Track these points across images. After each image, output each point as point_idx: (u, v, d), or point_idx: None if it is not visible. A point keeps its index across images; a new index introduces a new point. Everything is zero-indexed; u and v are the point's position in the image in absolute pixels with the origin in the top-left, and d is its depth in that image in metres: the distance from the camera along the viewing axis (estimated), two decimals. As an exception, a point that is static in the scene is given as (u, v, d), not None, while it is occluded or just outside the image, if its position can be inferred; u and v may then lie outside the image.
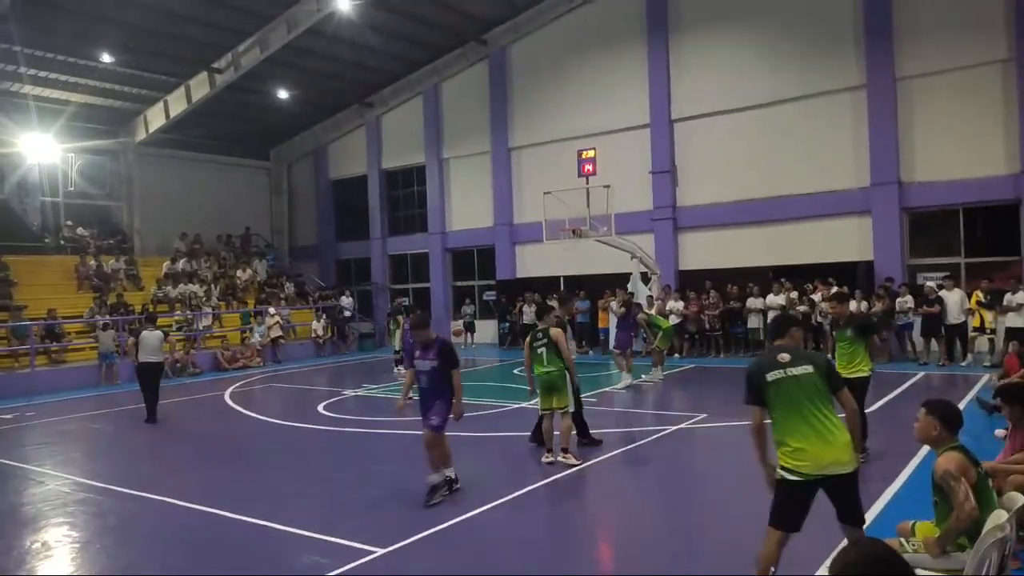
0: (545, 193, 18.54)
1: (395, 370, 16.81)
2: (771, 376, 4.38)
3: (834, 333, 8.19)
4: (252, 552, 6.04)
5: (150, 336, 12.58)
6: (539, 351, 8.46)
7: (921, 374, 14.19)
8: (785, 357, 4.42)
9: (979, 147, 16.65)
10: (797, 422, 4.28)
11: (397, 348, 16.60)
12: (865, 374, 7.72)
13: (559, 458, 8.20)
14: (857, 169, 18.08)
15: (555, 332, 8.40)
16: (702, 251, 20.42)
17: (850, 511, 4.32)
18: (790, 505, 4.30)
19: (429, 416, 7.10)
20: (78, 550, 6.29)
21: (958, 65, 16.79)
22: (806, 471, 4.21)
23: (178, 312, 21.21)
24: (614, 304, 16.74)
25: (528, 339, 8.69)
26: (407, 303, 19.68)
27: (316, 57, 22.95)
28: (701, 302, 18.74)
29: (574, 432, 8.63)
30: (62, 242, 23.24)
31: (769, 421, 4.44)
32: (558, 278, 22.65)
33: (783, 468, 4.31)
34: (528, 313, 20.63)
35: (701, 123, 20.32)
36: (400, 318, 16.93)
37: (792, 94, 18.86)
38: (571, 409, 8.28)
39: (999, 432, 8.12)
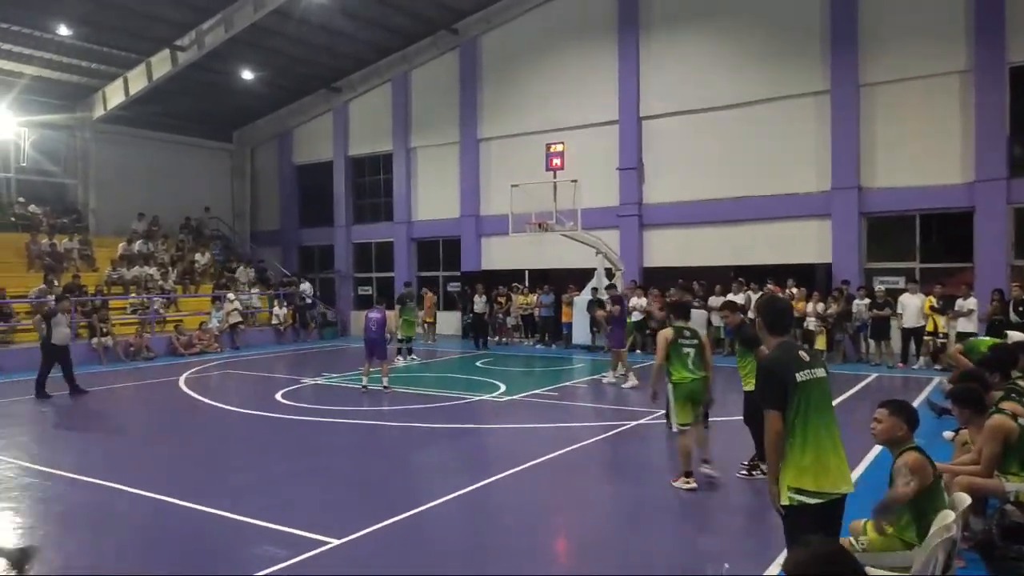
0: (512, 186, 18.51)
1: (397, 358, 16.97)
2: (800, 376, 3.80)
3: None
4: (204, 542, 5.92)
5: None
6: (687, 351, 7.30)
7: (873, 375, 14.51)
8: (805, 356, 3.93)
9: (936, 156, 17.04)
10: (821, 433, 3.80)
11: (400, 337, 17.12)
12: (748, 389, 7.10)
13: (704, 470, 7.29)
14: (819, 173, 18.38)
15: (705, 334, 7.49)
16: (666, 249, 20.59)
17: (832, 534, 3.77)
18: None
19: None
20: (21, 536, 6.09)
21: (919, 74, 17.14)
22: (828, 490, 3.73)
23: (133, 295, 20.68)
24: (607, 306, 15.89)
25: (672, 335, 7.32)
26: (411, 285, 19.88)
27: (283, 39, 22.50)
28: (664, 299, 18.86)
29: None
30: (13, 219, 22.48)
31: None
32: (523, 271, 22.64)
33: (799, 491, 3.74)
34: (479, 303, 20.71)
35: (669, 121, 20.44)
36: (411, 304, 17.95)
37: (758, 96, 19.07)
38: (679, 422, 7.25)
39: (947, 434, 8.36)
